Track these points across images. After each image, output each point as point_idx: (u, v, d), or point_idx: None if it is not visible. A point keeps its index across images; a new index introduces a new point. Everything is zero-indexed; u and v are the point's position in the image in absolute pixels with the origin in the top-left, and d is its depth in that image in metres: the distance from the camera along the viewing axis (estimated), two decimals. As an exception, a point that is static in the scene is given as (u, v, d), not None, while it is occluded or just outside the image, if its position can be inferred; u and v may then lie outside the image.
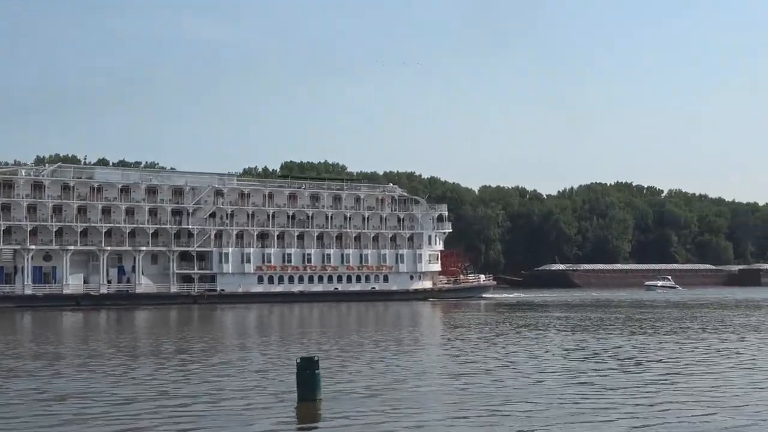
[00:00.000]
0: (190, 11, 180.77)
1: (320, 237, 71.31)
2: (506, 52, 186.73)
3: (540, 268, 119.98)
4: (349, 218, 72.72)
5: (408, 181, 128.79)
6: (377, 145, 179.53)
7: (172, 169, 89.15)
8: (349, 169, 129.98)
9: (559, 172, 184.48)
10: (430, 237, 74.70)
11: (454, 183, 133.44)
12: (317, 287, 69.16)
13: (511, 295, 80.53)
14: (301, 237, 70.42)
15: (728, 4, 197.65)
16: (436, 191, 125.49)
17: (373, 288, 71.55)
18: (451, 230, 78.01)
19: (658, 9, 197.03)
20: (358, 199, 73.94)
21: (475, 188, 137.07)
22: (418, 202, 76.60)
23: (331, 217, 72.10)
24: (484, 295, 76.49)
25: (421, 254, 73.61)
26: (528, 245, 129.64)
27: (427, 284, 74.01)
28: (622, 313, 48.27)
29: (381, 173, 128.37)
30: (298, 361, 15.43)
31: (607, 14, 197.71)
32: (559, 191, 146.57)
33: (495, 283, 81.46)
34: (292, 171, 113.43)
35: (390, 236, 73.68)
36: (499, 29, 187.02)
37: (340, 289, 69.95)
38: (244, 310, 55.45)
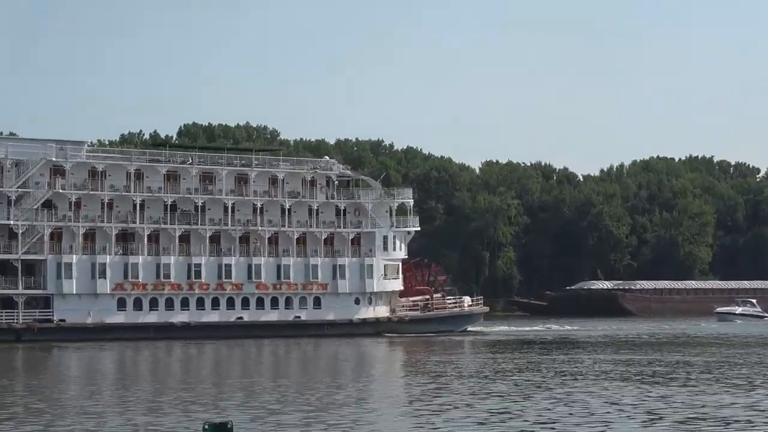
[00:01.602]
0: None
1: (215, 238, 72.58)
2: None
3: (574, 287, 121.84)
4: (261, 210, 73.98)
5: (373, 153, 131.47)
6: (330, 102, 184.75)
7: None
8: (283, 136, 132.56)
9: (603, 142, 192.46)
10: (386, 239, 76.03)
11: (442, 157, 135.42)
12: (210, 316, 70.82)
13: (526, 329, 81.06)
14: (185, 238, 71.71)
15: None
16: (414, 169, 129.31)
17: (297, 318, 73.23)
18: (418, 228, 79.83)
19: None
20: (274, 181, 75.09)
21: (476, 165, 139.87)
22: (367, 185, 78.05)
23: (233, 207, 73.31)
24: (470, 328, 78.11)
25: (371, 265, 74.87)
26: (556, 252, 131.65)
27: (382, 311, 75.64)
28: (701, 354, 50.26)
29: (332, 142, 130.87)
30: (205, 427, 16.35)
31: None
32: (602, 170, 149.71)
33: (486, 309, 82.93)
34: (196, 139, 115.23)
35: (324, 237, 75.17)
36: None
37: (246, 318, 71.78)
38: (95, 353, 56.65)
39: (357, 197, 76.85)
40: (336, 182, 77.15)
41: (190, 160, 73.67)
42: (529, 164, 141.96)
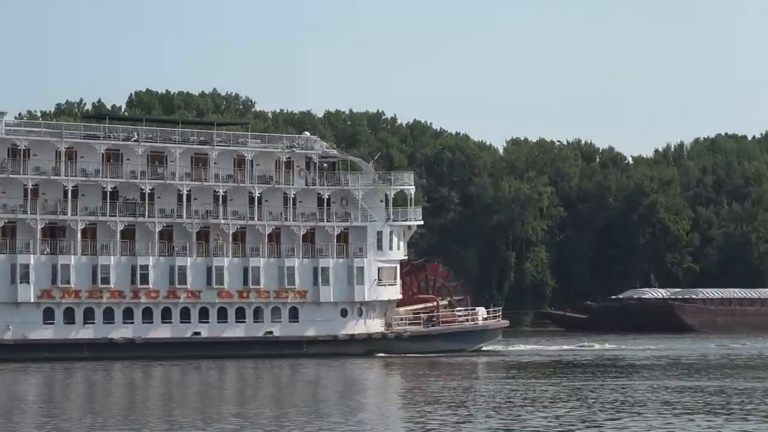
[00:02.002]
0: None
1: (166, 234, 72.00)
2: None
3: (621, 296, 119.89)
4: (224, 198, 73.14)
5: (372, 129, 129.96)
6: (319, 67, 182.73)
7: None
8: (259, 107, 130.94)
9: (657, 116, 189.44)
10: (380, 235, 75.51)
11: (458, 134, 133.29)
12: (160, 331, 70.45)
13: (556, 348, 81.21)
14: (128, 233, 71.15)
15: None
16: (423, 149, 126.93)
17: (269, 333, 72.80)
18: (421, 222, 79.17)
19: None
20: (240, 163, 74.40)
21: (499, 144, 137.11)
22: (358, 168, 78.35)
23: (189, 195, 72.48)
24: (485, 347, 78.11)
25: (362, 268, 74.55)
26: (598, 253, 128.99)
27: (375, 326, 75.17)
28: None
29: (320, 115, 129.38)
30: None
31: None
32: (657, 150, 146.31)
33: (505, 323, 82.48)
34: (150, 110, 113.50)
35: (303, 233, 74.53)
36: None
37: (204, 334, 71.33)
38: (15, 377, 56.38)
39: (344, 183, 76.10)
40: (318, 164, 76.32)
41: (136, 136, 72.44)
42: (565, 143, 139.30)
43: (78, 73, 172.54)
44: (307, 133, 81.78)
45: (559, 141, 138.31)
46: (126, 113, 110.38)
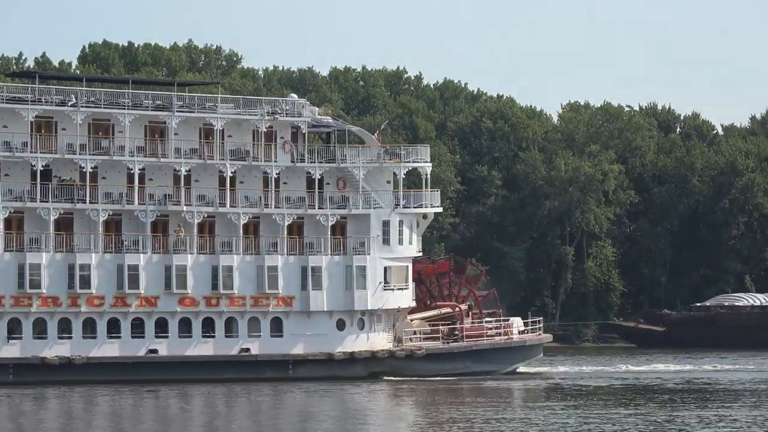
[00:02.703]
0: None
1: (113, 225, 72.79)
2: None
3: (708, 303, 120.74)
4: (187, 178, 73.81)
5: (390, 92, 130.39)
6: (325, 15, 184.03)
7: None
8: (247, 63, 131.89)
9: (754, 75, 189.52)
10: (387, 226, 76.38)
11: (500, 97, 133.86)
12: (106, 348, 71.22)
13: (636, 369, 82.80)
14: (64, 224, 71.79)
15: None
16: (456, 116, 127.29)
17: (245, 351, 73.24)
18: (439, 208, 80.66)
19: None
20: (209, 133, 74.99)
21: (553, 110, 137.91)
22: (358, 140, 79.21)
23: (142, 175, 73.42)
24: (520, 369, 78.98)
25: (364, 267, 75.30)
26: (679, 248, 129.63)
27: (380, 341, 75.97)
28: None
29: (324, 73, 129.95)
30: None
31: None
32: (753, 117, 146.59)
33: (548, 338, 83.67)
34: (108, 67, 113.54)
35: (288, 223, 75.20)
36: None
37: (162, 352, 72.20)
38: None
39: (341, 159, 76.38)
40: (306, 135, 76.80)
41: (74, 100, 72.78)
42: (637, 108, 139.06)
43: (15, 20, 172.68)
44: (294, 95, 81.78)
45: (629, 106, 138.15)
46: (78, 71, 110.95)
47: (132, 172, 72.07)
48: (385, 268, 75.14)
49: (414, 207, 76.84)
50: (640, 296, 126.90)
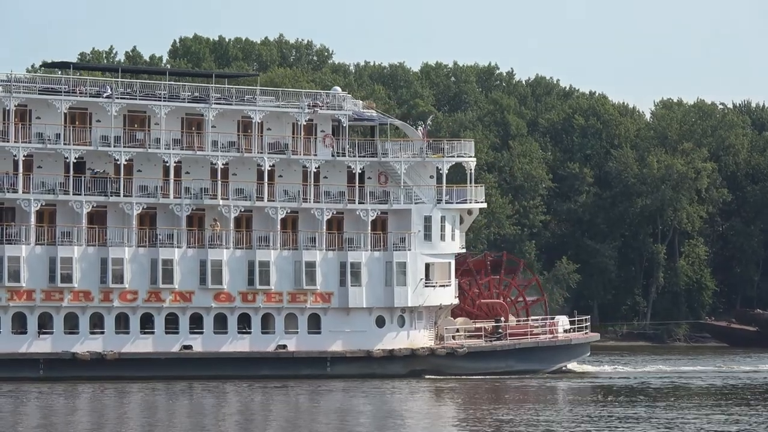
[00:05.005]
0: None
1: (147, 218, 73.17)
2: None
3: None
4: (224, 172, 74.26)
5: (481, 88, 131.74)
6: (417, 10, 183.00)
7: None
8: (338, 59, 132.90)
9: None
10: (429, 222, 76.45)
11: (592, 94, 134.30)
12: (139, 344, 71.61)
13: (722, 369, 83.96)
14: (98, 217, 72.24)
15: None
16: (547, 113, 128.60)
17: (282, 348, 73.67)
18: (483, 204, 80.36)
19: None
20: (247, 126, 75.36)
21: (646, 109, 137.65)
22: (400, 133, 79.79)
23: (178, 168, 73.67)
24: (568, 365, 79.35)
25: (404, 264, 75.60)
26: None
27: (421, 339, 76.23)
28: None
29: (415, 69, 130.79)
30: None
31: None
32: None
33: (595, 337, 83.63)
34: (199, 62, 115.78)
35: (327, 218, 75.68)
36: None
37: (197, 348, 72.61)
38: None
39: (383, 153, 76.89)
40: (346, 128, 76.92)
41: (109, 91, 72.97)
42: (731, 106, 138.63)
43: (109, 15, 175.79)
44: (338, 88, 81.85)
45: (722, 104, 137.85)
46: (169, 65, 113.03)
47: (168, 165, 72.61)
48: (427, 265, 75.54)
49: (457, 202, 77.11)
50: (732, 295, 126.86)
